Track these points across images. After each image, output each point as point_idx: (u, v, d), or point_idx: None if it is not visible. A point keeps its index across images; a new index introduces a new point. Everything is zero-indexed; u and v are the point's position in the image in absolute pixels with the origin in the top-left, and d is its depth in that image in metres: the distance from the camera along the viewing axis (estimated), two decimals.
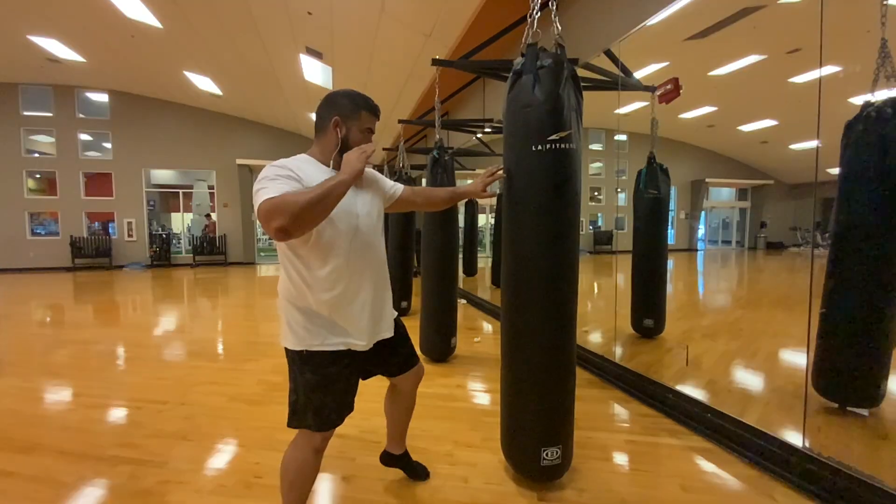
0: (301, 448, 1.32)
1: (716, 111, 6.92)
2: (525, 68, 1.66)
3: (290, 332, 1.29)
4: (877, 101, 2.06)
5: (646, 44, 2.94)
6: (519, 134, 1.69)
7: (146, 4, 6.12)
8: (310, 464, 1.33)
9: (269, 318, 5.46)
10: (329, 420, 1.30)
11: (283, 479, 1.34)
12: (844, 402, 2.23)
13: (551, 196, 1.66)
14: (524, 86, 1.65)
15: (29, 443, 2.17)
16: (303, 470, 1.32)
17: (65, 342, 4.24)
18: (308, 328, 1.28)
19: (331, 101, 1.34)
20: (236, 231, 12.44)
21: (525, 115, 1.65)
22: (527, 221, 1.70)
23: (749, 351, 3.58)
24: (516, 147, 1.71)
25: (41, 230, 11.75)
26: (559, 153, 1.62)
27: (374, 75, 6.69)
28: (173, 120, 11.89)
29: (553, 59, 1.63)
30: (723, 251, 11.12)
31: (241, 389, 2.89)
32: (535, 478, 1.78)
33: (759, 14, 3.48)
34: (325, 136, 1.33)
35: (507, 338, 1.81)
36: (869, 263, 2.09)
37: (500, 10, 3.65)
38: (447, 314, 3.40)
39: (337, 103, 1.33)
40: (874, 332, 2.12)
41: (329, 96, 1.36)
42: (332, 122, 1.31)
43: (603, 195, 11.16)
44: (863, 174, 2.08)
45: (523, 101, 1.66)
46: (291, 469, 1.33)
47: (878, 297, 2.08)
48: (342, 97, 1.34)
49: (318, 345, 1.27)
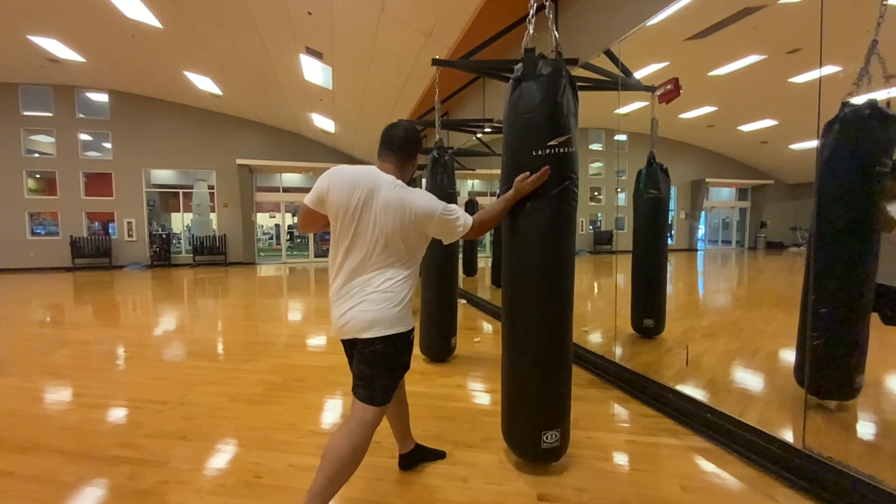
0: (371, 427, 1.46)
1: (716, 111, 6.92)
2: (525, 75, 1.73)
3: (399, 319, 1.49)
4: (855, 103, 2.09)
5: (646, 44, 2.94)
6: (520, 139, 1.76)
7: (146, 4, 6.12)
8: (369, 440, 1.48)
9: (269, 318, 5.46)
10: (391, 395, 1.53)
11: (336, 464, 1.38)
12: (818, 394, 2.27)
13: (553, 198, 1.73)
14: (524, 92, 1.72)
15: (29, 443, 2.17)
16: (365, 447, 1.46)
17: (64, 342, 4.24)
18: (409, 315, 1.55)
19: (417, 141, 1.62)
20: (236, 231, 12.44)
21: (525, 121, 1.73)
22: (524, 223, 1.78)
23: (749, 351, 3.58)
24: (517, 152, 1.78)
25: (41, 230, 11.75)
26: (559, 157, 1.71)
27: (374, 75, 6.69)
28: (173, 120, 11.90)
29: (552, 66, 1.69)
30: (723, 251, 11.13)
31: (241, 389, 2.89)
32: (535, 460, 1.86)
33: (759, 14, 3.48)
34: (410, 165, 1.62)
35: (509, 330, 1.89)
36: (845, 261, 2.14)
37: (500, 10, 3.65)
38: (447, 314, 3.40)
39: (419, 144, 1.63)
40: (851, 327, 2.16)
41: (416, 136, 1.62)
42: (415, 158, 1.63)
43: (603, 195, 11.16)
44: (838, 174, 2.11)
45: (524, 107, 1.72)
46: (360, 449, 1.43)
47: (854, 293, 2.13)
48: (420, 142, 1.65)
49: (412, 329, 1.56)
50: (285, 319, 5.50)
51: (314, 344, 4.19)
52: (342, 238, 1.48)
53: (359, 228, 1.46)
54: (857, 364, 2.17)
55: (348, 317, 1.47)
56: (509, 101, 1.79)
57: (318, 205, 1.50)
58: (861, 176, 2.06)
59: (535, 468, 1.91)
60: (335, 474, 1.37)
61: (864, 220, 2.09)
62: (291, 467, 1.93)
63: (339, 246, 1.50)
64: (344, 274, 1.50)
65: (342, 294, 1.49)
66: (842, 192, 2.09)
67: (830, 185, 2.11)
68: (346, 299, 1.48)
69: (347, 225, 1.47)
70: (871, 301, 2.12)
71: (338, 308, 1.50)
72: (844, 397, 2.24)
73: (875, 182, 2.04)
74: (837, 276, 2.13)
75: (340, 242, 1.49)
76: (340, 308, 1.49)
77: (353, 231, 1.47)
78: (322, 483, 1.36)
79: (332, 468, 1.37)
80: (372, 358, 1.47)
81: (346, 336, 1.51)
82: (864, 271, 2.11)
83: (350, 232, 1.47)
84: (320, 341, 4.26)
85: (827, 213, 2.13)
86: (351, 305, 1.47)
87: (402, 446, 1.90)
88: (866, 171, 2.05)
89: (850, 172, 2.08)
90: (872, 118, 2.04)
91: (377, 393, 1.47)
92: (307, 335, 4.56)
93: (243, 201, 12.39)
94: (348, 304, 1.47)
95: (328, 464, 1.37)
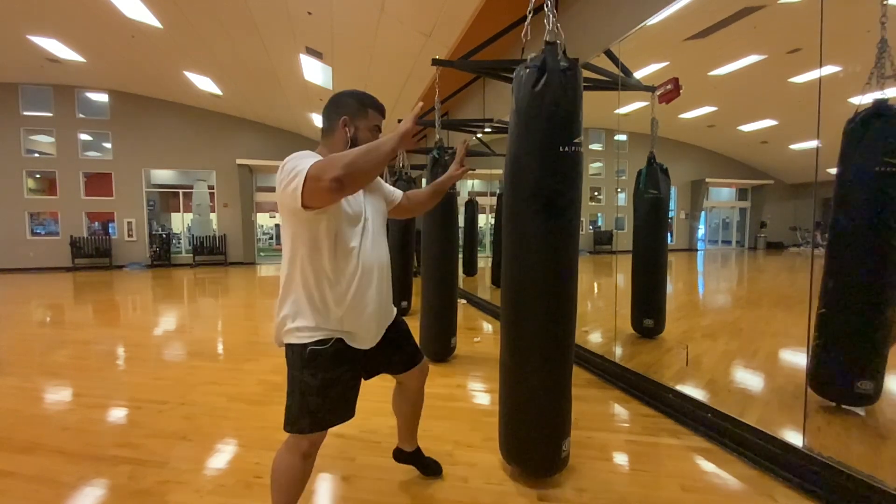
0: (292, 452, 1.29)
1: (716, 111, 6.92)
2: (549, 66, 1.60)
3: (281, 328, 1.27)
4: (869, 103, 2.08)
5: (646, 44, 2.94)
6: (543, 131, 1.63)
7: (146, 4, 6.12)
8: (297, 468, 1.29)
9: (269, 318, 5.46)
10: (323, 421, 1.28)
11: (272, 479, 1.32)
12: (839, 400, 2.24)
13: (565, 194, 1.67)
14: (551, 83, 1.59)
15: (29, 443, 2.17)
16: (289, 473, 1.30)
17: (65, 342, 4.24)
18: (317, 323, 1.25)
19: (337, 101, 1.37)
20: (236, 231, 12.44)
21: (552, 113, 1.60)
22: (533, 218, 1.70)
23: (749, 351, 3.58)
24: (540, 145, 1.65)
25: (41, 230, 11.75)
26: (579, 155, 1.67)
27: (374, 75, 6.69)
28: (173, 120, 11.89)
29: (571, 60, 1.63)
30: (723, 251, 11.12)
31: (241, 389, 2.89)
32: (552, 472, 1.80)
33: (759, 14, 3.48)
34: (334, 136, 1.35)
35: (509, 338, 1.83)
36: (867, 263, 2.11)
37: (500, 10, 3.65)
38: (447, 314, 3.40)
39: (344, 103, 1.35)
40: (869, 331, 2.13)
41: (335, 97, 1.38)
42: (341, 122, 1.33)
43: (603, 195, 11.16)
44: (858, 175, 2.10)
45: (551, 99, 1.59)
46: (285, 473, 1.30)
47: (874, 296, 2.11)
48: (348, 97, 1.36)
49: (322, 340, 1.26)
50: None
51: None
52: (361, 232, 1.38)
53: None
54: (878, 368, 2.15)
55: (383, 317, 1.43)
56: (530, 90, 1.62)
57: None
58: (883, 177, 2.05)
59: None
60: (273, 490, 1.31)
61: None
62: None
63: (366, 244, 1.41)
64: (374, 272, 1.40)
65: (379, 291, 1.41)
66: (864, 193, 2.08)
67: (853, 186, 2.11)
68: (379, 297, 1.41)
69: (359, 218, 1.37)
70: None
71: (376, 307, 1.41)
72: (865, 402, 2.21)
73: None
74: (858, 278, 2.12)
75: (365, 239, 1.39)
76: (378, 306, 1.41)
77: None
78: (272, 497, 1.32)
79: (272, 483, 1.32)
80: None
81: (375, 339, 1.43)
82: None
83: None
84: None
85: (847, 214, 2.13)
86: (386, 303, 1.43)
87: (403, 444, 1.82)
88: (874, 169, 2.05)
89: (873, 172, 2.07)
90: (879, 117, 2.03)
91: (288, 414, 1.28)
92: None
93: (243, 201, 12.38)
94: (383, 302, 1.43)
95: (271, 478, 1.32)
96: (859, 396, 2.16)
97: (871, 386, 2.13)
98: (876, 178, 2.04)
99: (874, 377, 2.13)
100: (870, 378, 2.13)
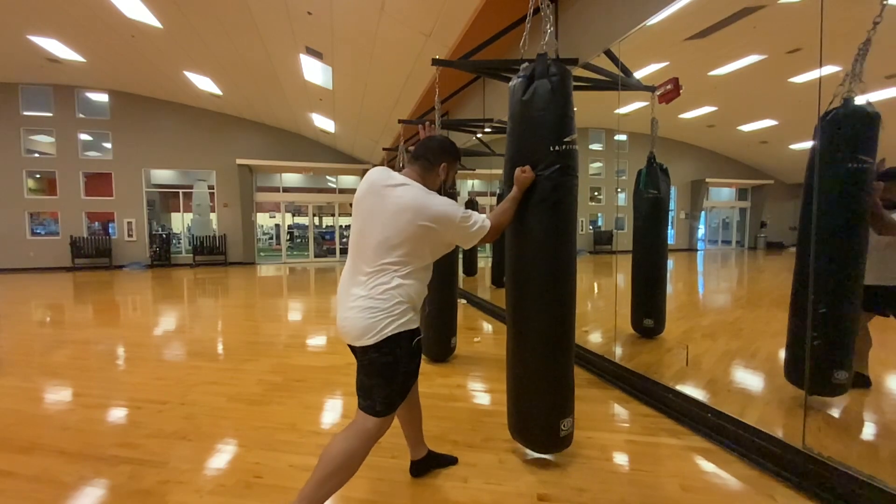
0: (370, 436, 1.42)
1: (716, 111, 6.93)
2: (538, 73, 1.80)
3: (392, 324, 1.41)
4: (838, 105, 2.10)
5: (646, 44, 2.94)
6: (534, 134, 1.82)
7: (146, 4, 6.12)
8: (368, 450, 1.46)
9: (269, 318, 5.46)
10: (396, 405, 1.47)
11: (329, 467, 1.37)
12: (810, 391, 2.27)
13: (562, 192, 1.81)
14: (539, 90, 1.79)
15: (29, 443, 2.17)
16: (360, 455, 1.44)
17: (65, 342, 4.24)
18: (417, 321, 1.49)
19: (443, 147, 1.61)
20: (236, 231, 12.44)
21: (540, 117, 1.79)
22: (536, 213, 1.84)
23: (749, 351, 3.58)
24: (532, 147, 1.83)
25: (41, 230, 11.75)
26: (572, 152, 1.81)
27: (374, 75, 6.69)
28: (173, 120, 11.89)
29: (560, 67, 1.79)
30: (723, 251, 11.12)
31: (241, 389, 2.89)
32: (551, 449, 1.95)
33: (759, 14, 3.49)
34: (432, 173, 1.60)
35: (515, 323, 1.94)
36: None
37: (500, 10, 3.65)
38: (447, 314, 3.39)
39: (448, 151, 1.62)
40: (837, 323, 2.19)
41: (441, 142, 1.63)
42: (442, 167, 1.60)
43: (603, 195, 11.16)
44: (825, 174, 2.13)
45: (539, 104, 1.79)
46: (355, 456, 1.41)
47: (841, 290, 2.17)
48: (452, 147, 1.65)
49: (421, 333, 1.51)
50: (285, 319, 5.50)
51: (314, 344, 4.19)
52: (352, 236, 1.52)
53: (364, 227, 1.46)
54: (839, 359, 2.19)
55: (344, 323, 1.45)
56: (520, 99, 1.84)
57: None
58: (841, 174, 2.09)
59: (535, 468, 1.91)
60: (326, 477, 1.36)
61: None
62: (291, 467, 1.93)
63: (350, 245, 1.52)
64: (347, 274, 1.49)
65: (342, 295, 1.48)
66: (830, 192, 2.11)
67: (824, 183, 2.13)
68: (344, 302, 1.46)
69: (356, 222, 1.49)
70: None
71: (339, 311, 1.48)
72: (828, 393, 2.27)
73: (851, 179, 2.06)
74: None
75: (351, 241, 1.52)
76: (340, 311, 1.47)
77: (358, 230, 1.47)
78: (313, 485, 1.35)
79: (324, 471, 1.36)
80: (369, 367, 1.43)
81: (346, 341, 1.49)
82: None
83: (356, 231, 1.48)
84: (320, 341, 4.26)
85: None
86: (346, 309, 1.44)
87: (414, 452, 1.85)
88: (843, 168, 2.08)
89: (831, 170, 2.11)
90: (849, 116, 2.06)
91: (376, 403, 1.42)
92: (307, 335, 4.56)
93: (243, 201, 12.38)
94: (344, 308, 1.45)
95: (321, 466, 1.37)
96: (836, 387, 2.21)
97: (845, 376, 2.19)
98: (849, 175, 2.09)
99: (848, 368, 2.19)
100: (847, 369, 2.18)
